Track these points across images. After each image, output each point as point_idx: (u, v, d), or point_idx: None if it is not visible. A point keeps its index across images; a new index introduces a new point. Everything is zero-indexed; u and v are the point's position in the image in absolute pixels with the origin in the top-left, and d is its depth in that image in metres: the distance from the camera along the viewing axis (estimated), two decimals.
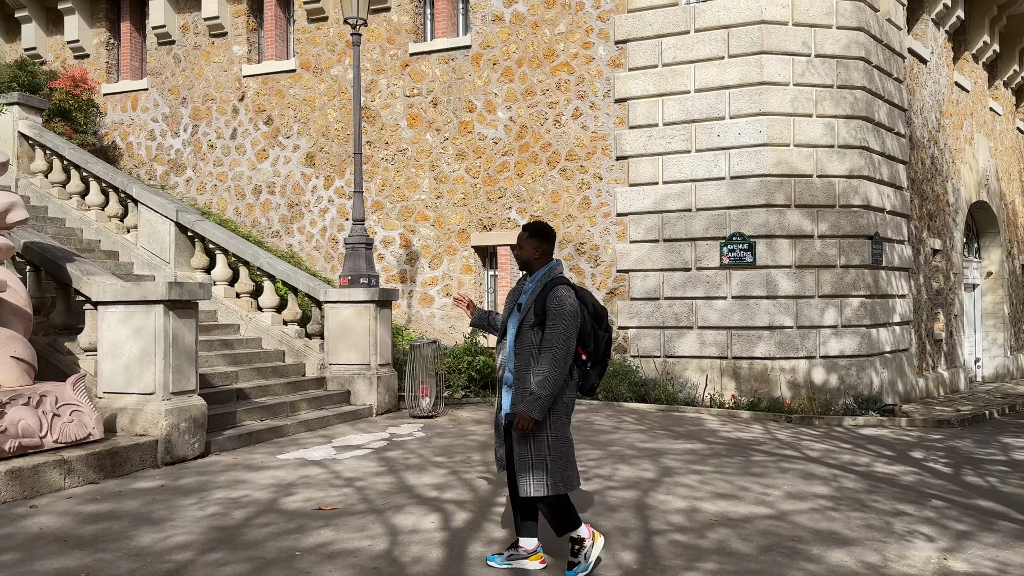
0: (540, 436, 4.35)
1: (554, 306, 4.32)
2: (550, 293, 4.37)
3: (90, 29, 17.03)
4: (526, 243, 4.55)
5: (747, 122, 12.02)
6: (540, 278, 4.52)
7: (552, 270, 4.54)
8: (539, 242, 4.54)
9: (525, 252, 4.55)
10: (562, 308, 4.32)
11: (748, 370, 11.95)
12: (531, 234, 4.54)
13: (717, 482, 6.99)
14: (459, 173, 13.73)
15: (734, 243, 12.05)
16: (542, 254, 4.56)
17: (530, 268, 4.58)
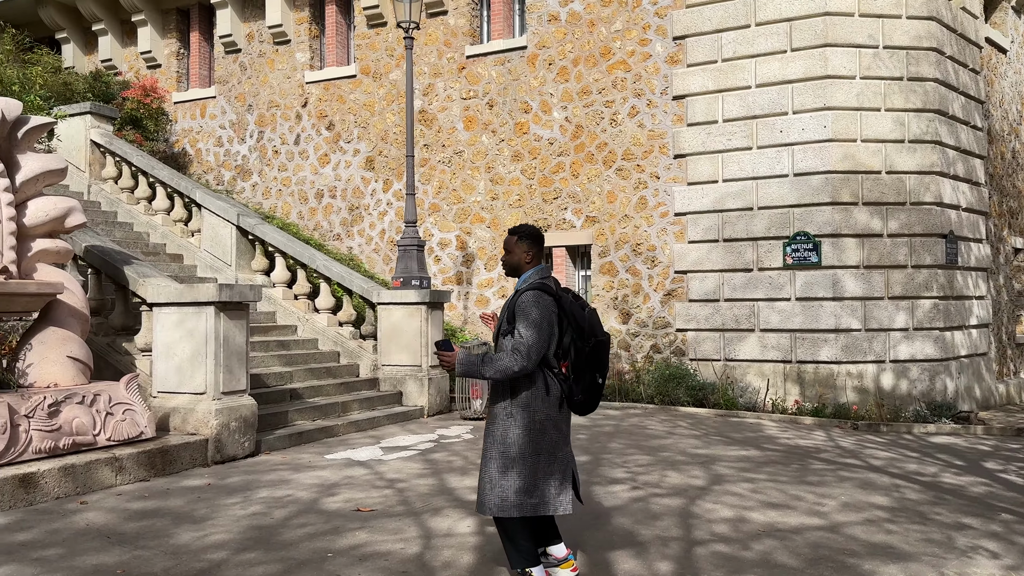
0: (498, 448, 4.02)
1: (521, 310, 3.99)
2: (518, 300, 4.04)
3: (161, 40, 17.60)
4: (515, 247, 4.20)
5: (811, 117, 11.61)
6: (521, 283, 4.19)
7: (531, 276, 4.17)
8: (529, 245, 4.20)
9: (514, 256, 4.22)
10: (526, 313, 3.96)
11: (812, 374, 11.53)
12: (520, 237, 4.21)
13: (769, 491, 6.73)
14: (515, 174, 13.67)
15: (798, 242, 11.65)
16: (532, 258, 4.22)
17: (518, 274, 4.26)
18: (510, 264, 4.25)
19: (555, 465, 4.08)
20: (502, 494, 4.00)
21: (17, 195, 6.76)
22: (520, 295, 4.05)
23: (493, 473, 4.03)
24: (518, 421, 4.00)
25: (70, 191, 12.69)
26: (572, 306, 4.10)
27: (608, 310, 12.88)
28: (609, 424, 10.21)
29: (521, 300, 4.01)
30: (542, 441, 4.03)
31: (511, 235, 4.23)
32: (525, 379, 4.01)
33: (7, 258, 6.58)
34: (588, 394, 4.11)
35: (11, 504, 5.78)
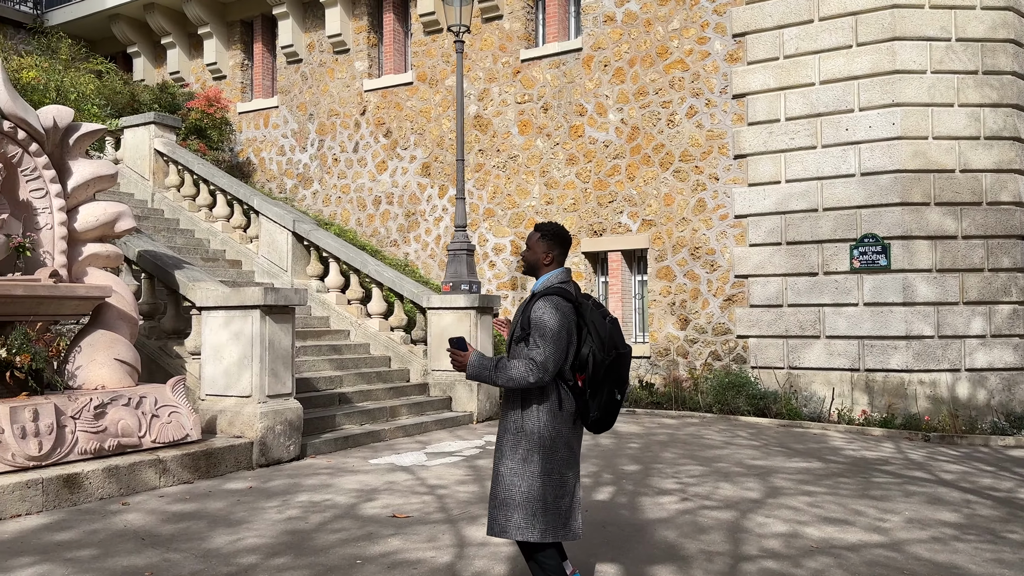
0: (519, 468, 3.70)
1: (536, 317, 3.65)
2: (532, 307, 3.70)
3: (226, 52, 18.00)
4: (536, 244, 3.85)
5: (878, 114, 11.11)
6: (537, 286, 3.86)
7: (550, 279, 3.83)
8: (551, 245, 3.85)
9: (533, 254, 3.86)
10: (541, 322, 3.64)
11: (882, 383, 10.99)
12: (543, 235, 3.85)
13: (828, 505, 6.36)
14: (569, 178, 13.47)
15: (866, 245, 11.14)
16: (552, 260, 3.86)
17: (536, 274, 3.91)
18: (528, 262, 3.92)
19: (564, 488, 3.75)
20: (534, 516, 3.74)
21: (69, 200, 6.90)
22: (536, 299, 3.74)
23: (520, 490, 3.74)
24: (528, 438, 3.71)
25: (135, 199, 13.02)
26: (592, 314, 3.76)
27: (665, 316, 12.55)
28: (664, 433, 9.90)
29: (537, 306, 3.70)
30: (560, 462, 3.72)
31: (535, 231, 3.91)
32: (538, 392, 3.70)
33: (58, 262, 6.70)
34: (604, 411, 3.74)
35: (56, 504, 5.85)
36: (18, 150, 6.54)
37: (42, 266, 6.63)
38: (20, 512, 5.66)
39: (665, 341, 12.56)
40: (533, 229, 3.96)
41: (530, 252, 3.89)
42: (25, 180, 6.64)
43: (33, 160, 6.63)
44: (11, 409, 5.85)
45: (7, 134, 6.44)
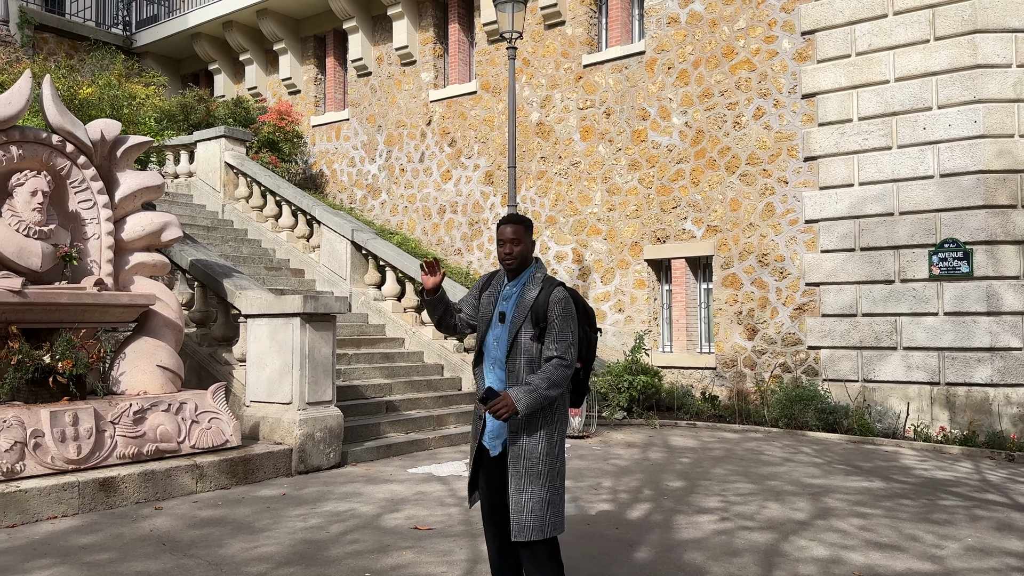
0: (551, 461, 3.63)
1: (561, 311, 3.63)
2: (552, 295, 3.66)
3: (300, 66, 18.46)
4: (526, 236, 3.74)
5: (959, 112, 10.43)
6: (528, 279, 3.76)
7: (538, 270, 3.80)
8: (530, 236, 3.79)
9: (526, 247, 3.74)
10: (570, 313, 3.66)
11: (964, 398, 10.27)
12: (528, 226, 3.77)
13: (881, 528, 5.92)
14: (632, 184, 13.17)
15: (946, 251, 10.45)
16: (531, 250, 3.81)
17: (524, 267, 3.79)
18: (523, 256, 3.75)
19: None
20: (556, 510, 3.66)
21: (116, 211, 7.10)
22: (549, 291, 3.68)
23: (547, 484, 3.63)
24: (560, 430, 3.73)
25: (206, 210, 13.43)
26: (579, 298, 3.87)
27: (732, 325, 12.09)
28: (720, 448, 9.50)
29: (558, 297, 3.66)
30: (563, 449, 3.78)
31: (516, 224, 3.75)
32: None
33: (104, 270, 6.90)
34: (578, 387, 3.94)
35: (91, 507, 6.00)
36: (66, 163, 6.78)
37: (88, 275, 6.84)
38: (56, 514, 5.82)
39: (731, 352, 12.10)
40: (509, 223, 3.76)
41: (523, 245, 3.75)
42: (73, 191, 6.87)
43: (81, 172, 6.86)
44: (51, 413, 6.03)
45: (56, 147, 6.68)
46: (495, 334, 3.76)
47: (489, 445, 3.74)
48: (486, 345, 3.80)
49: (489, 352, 3.78)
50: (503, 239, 3.75)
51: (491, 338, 3.77)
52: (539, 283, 3.74)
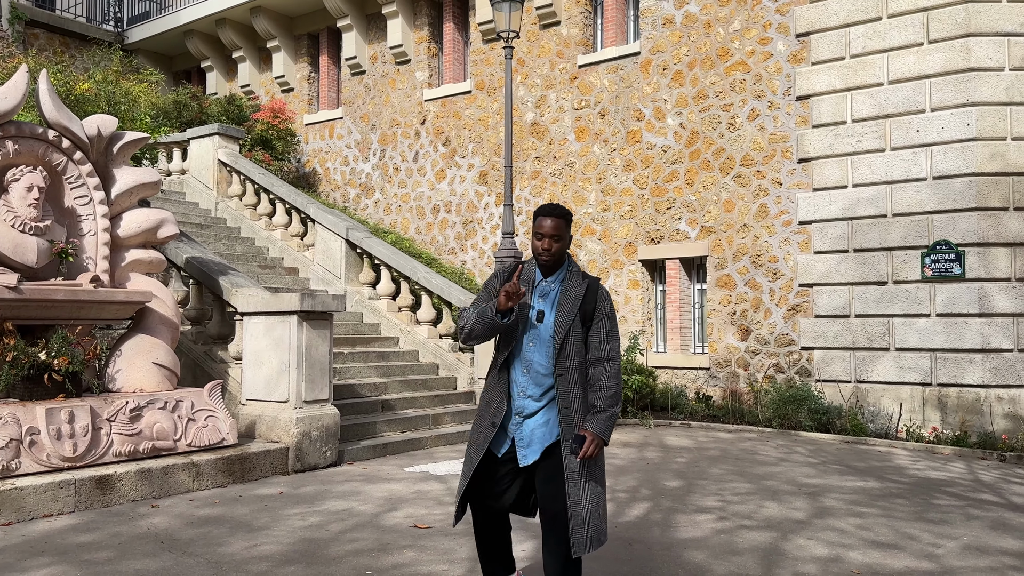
0: (600, 468, 3.53)
1: (610, 309, 3.58)
2: (600, 293, 3.58)
3: (294, 65, 18.39)
4: (565, 232, 3.55)
5: (952, 114, 10.50)
6: (566, 275, 3.61)
7: (574, 262, 3.71)
8: (569, 230, 3.61)
9: (564, 244, 3.56)
10: (614, 311, 3.63)
11: (956, 399, 10.34)
12: (568, 221, 3.57)
13: (879, 528, 5.95)
14: (626, 184, 13.20)
15: (939, 252, 10.52)
16: (568, 245, 3.64)
17: (555, 265, 3.61)
18: (561, 253, 3.56)
19: None
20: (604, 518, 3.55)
21: (112, 207, 7.05)
22: (596, 288, 3.59)
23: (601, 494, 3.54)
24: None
25: (199, 207, 13.36)
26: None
27: (725, 326, 12.13)
28: (716, 448, 9.53)
29: (603, 294, 3.59)
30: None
31: (557, 218, 3.53)
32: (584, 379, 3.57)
33: (100, 267, 6.85)
34: None
35: (87, 505, 5.95)
36: (63, 158, 6.73)
37: (84, 271, 6.79)
38: (52, 512, 5.77)
39: (725, 352, 12.13)
40: (550, 216, 3.52)
41: (563, 242, 3.55)
42: (69, 187, 6.82)
43: (77, 168, 6.81)
44: (47, 411, 5.98)
45: (52, 142, 6.63)
46: (531, 336, 3.56)
47: (520, 455, 3.56)
48: (520, 347, 3.58)
49: (524, 356, 3.57)
50: (542, 232, 3.54)
51: (526, 341, 3.57)
52: (581, 279, 3.61)
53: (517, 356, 3.58)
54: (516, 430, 3.58)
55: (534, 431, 3.55)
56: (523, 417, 3.58)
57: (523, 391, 3.57)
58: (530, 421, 3.57)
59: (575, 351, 3.52)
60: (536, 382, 3.54)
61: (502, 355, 3.62)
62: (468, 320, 3.60)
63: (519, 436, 3.57)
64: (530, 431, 3.55)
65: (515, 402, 3.58)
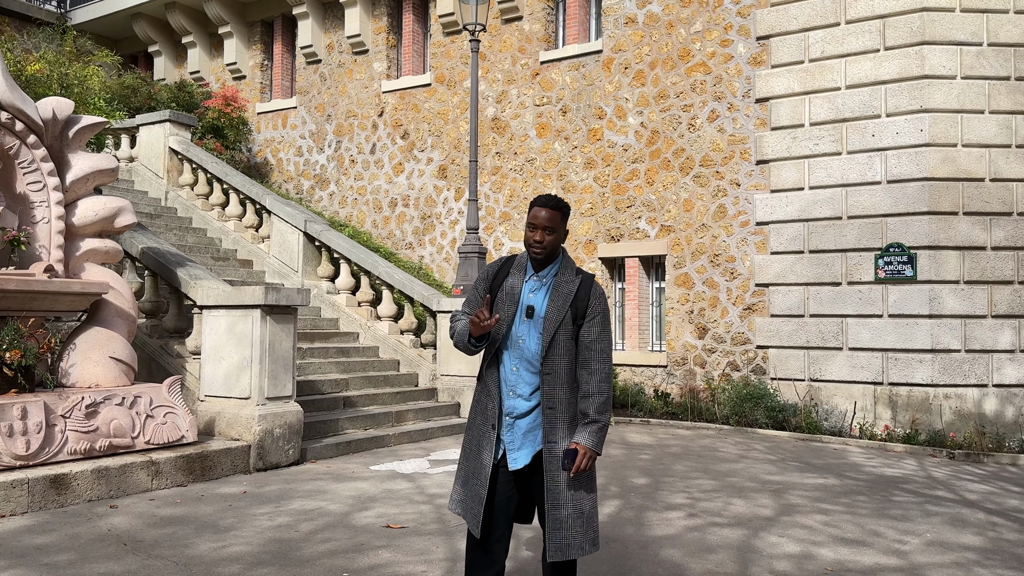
0: (593, 476, 3.46)
1: (604, 307, 3.45)
2: (594, 290, 3.42)
3: (246, 52, 17.96)
4: (560, 225, 3.39)
5: (906, 120, 10.76)
6: (559, 269, 3.47)
7: (568, 257, 3.53)
8: (565, 223, 3.46)
9: (558, 237, 3.40)
10: (608, 310, 3.49)
11: (906, 398, 10.61)
12: (565, 214, 3.42)
13: (844, 524, 6.05)
14: (587, 182, 13.22)
15: (891, 254, 10.78)
16: (563, 240, 3.48)
17: (548, 259, 3.46)
18: (554, 247, 3.40)
19: None
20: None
21: (67, 194, 6.76)
22: (589, 285, 3.43)
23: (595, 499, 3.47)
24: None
25: (148, 196, 12.95)
26: None
27: (683, 324, 12.24)
28: (677, 445, 9.60)
29: (597, 292, 3.43)
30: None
31: (551, 209, 3.36)
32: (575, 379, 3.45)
33: (54, 256, 6.57)
34: None
35: (41, 505, 5.69)
36: (15, 141, 6.41)
37: (38, 260, 6.50)
38: (4, 513, 5.50)
39: (682, 350, 12.25)
40: (545, 207, 3.36)
41: (557, 235, 3.39)
42: (22, 172, 6.51)
43: (31, 152, 6.50)
44: None
45: (4, 125, 6.31)
46: (521, 332, 3.42)
47: (510, 458, 3.42)
48: (508, 344, 3.44)
49: (512, 352, 3.43)
50: (536, 224, 3.36)
51: (515, 336, 3.42)
52: (575, 274, 3.46)
53: (506, 352, 3.45)
54: (507, 432, 3.45)
55: (525, 433, 3.44)
56: (514, 418, 3.43)
57: (512, 390, 3.43)
58: (521, 422, 3.44)
59: (564, 349, 3.37)
60: (525, 380, 3.41)
61: (492, 349, 3.50)
62: (455, 334, 3.53)
63: (509, 439, 3.42)
64: (521, 433, 3.44)
65: (505, 402, 3.46)
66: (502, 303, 3.46)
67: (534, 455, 3.44)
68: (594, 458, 3.31)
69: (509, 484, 3.48)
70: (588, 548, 3.38)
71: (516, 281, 3.47)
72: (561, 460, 3.32)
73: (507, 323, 3.44)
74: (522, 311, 3.43)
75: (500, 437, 3.46)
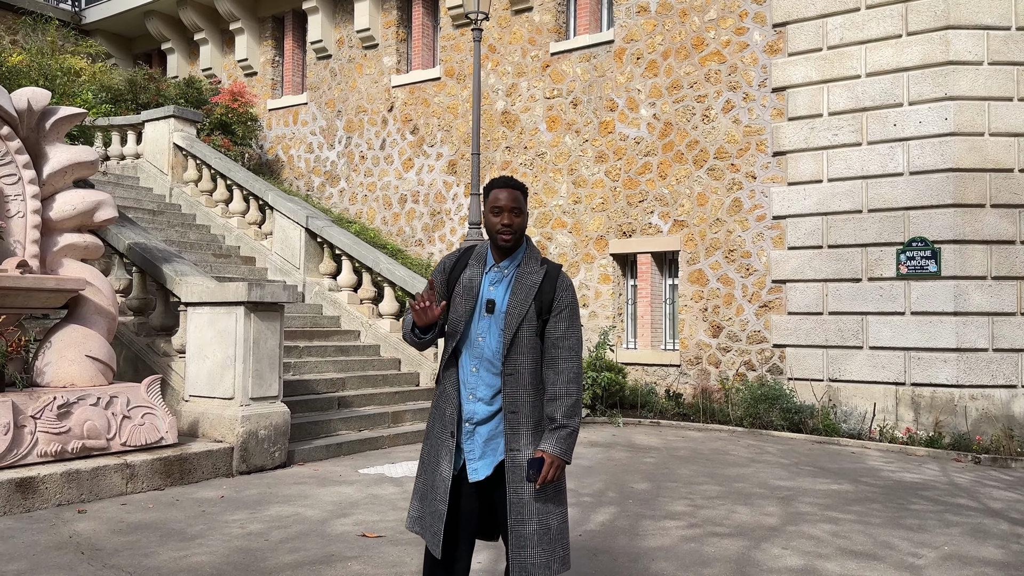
0: (562, 488, 3.13)
1: (571, 300, 3.11)
2: (559, 281, 3.11)
3: (257, 48, 17.80)
4: (524, 205, 3.11)
5: (929, 108, 10.26)
6: (524, 259, 3.16)
7: (533, 245, 3.22)
8: (526, 204, 3.16)
9: (524, 219, 3.11)
10: (577, 303, 3.17)
11: (929, 399, 10.12)
12: (525, 193, 3.13)
13: (854, 535, 5.64)
14: (598, 176, 12.84)
15: (914, 249, 10.29)
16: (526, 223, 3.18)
17: (515, 244, 3.15)
18: (520, 230, 3.10)
19: None
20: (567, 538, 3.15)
21: (44, 188, 6.55)
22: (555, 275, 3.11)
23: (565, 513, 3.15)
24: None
25: (153, 193, 12.80)
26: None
27: (697, 322, 11.83)
28: (685, 448, 9.21)
29: (564, 283, 3.11)
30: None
31: (516, 189, 3.10)
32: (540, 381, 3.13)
33: (28, 252, 6.35)
34: None
35: (5, 510, 5.46)
36: None
37: (11, 256, 6.28)
38: None
39: (696, 349, 11.84)
40: (505, 188, 3.08)
41: (523, 216, 3.10)
42: None
43: (5, 144, 6.29)
44: None
45: None
46: (480, 328, 3.11)
47: (470, 468, 3.10)
48: (467, 342, 3.13)
49: (472, 351, 3.11)
50: (499, 207, 3.07)
51: (474, 334, 3.11)
52: (539, 264, 3.14)
53: (464, 352, 3.13)
54: (467, 440, 3.12)
55: (487, 441, 3.11)
56: (474, 424, 3.10)
57: (472, 393, 3.10)
58: (482, 429, 3.11)
59: (528, 347, 3.06)
60: (486, 382, 3.09)
61: (449, 348, 3.17)
62: (404, 325, 3.23)
63: (469, 447, 3.09)
64: (482, 441, 3.11)
65: (464, 406, 3.13)
66: (460, 297, 3.13)
67: (496, 465, 3.11)
68: (562, 467, 2.99)
69: (471, 498, 3.14)
70: (557, 567, 3.04)
71: (475, 273, 3.14)
72: (526, 471, 3.00)
73: (465, 319, 3.12)
74: (481, 306, 3.12)
75: (460, 446, 3.14)
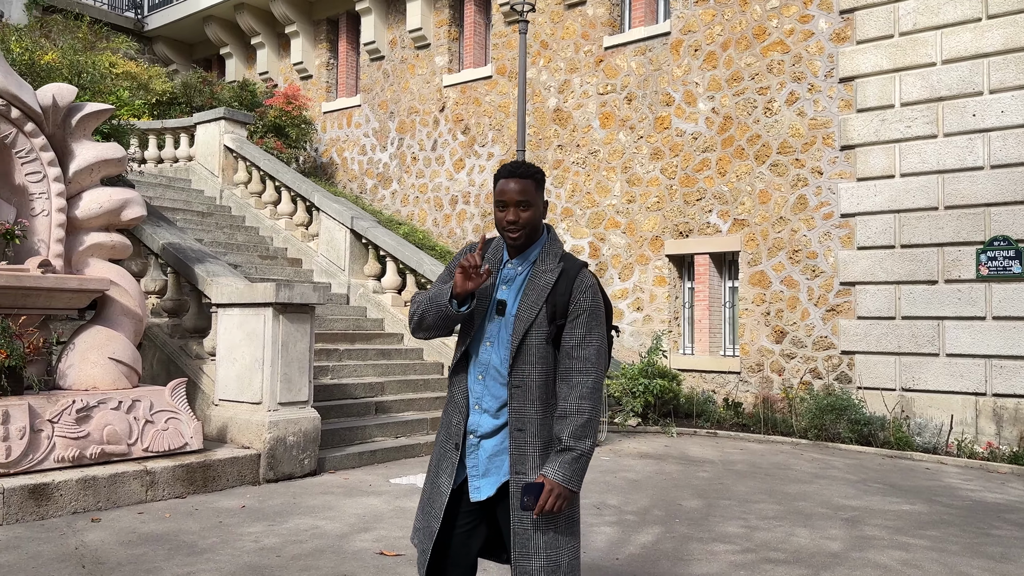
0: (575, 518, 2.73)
1: (591, 303, 2.67)
2: (578, 281, 2.70)
3: (312, 51, 17.78)
4: (536, 197, 2.70)
5: (1012, 97, 9.46)
6: (540, 256, 2.76)
7: (555, 239, 2.81)
8: (542, 194, 2.75)
9: (535, 213, 2.70)
10: (600, 306, 2.72)
11: (1013, 411, 9.30)
12: (539, 182, 2.73)
13: (928, 564, 5.03)
14: (653, 174, 12.29)
15: (996, 249, 9.49)
16: (543, 215, 2.76)
17: (527, 242, 2.75)
18: (533, 225, 2.70)
19: None
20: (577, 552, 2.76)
21: (70, 186, 6.40)
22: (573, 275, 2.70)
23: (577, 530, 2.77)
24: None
25: (204, 195, 12.78)
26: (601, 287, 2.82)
27: (758, 326, 11.19)
28: (744, 462, 8.62)
29: (588, 282, 2.70)
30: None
31: (527, 178, 2.69)
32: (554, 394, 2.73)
33: (53, 251, 6.20)
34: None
35: (18, 517, 5.28)
36: (11, 129, 6.08)
37: (35, 255, 6.14)
38: None
39: (757, 355, 11.19)
40: (513, 177, 2.69)
41: (534, 209, 2.69)
42: (20, 162, 6.17)
43: (29, 141, 6.16)
44: None
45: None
46: (490, 331, 2.74)
47: (472, 486, 2.75)
48: (476, 346, 2.77)
49: (480, 359, 2.75)
50: (506, 200, 2.69)
51: (484, 338, 2.75)
52: (556, 261, 2.73)
53: (474, 358, 2.77)
54: (470, 454, 2.75)
55: (491, 457, 2.73)
56: (478, 437, 2.74)
57: (478, 403, 2.75)
58: (486, 443, 2.74)
59: (538, 357, 2.67)
60: (492, 393, 2.73)
61: (460, 350, 2.80)
62: (420, 305, 2.79)
63: (472, 462, 2.75)
64: (486, 457, 2.73)
65: (470, 417, 2.76)
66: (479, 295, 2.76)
67: (500, 486, 2.72)
68: (567, 497, 2.56)
69: (472, 516, 2.77)
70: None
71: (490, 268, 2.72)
72: (520, 497, 2.60)
73: (478, 320, 2.75)
74: (493, 307, 2.74)
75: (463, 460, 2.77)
